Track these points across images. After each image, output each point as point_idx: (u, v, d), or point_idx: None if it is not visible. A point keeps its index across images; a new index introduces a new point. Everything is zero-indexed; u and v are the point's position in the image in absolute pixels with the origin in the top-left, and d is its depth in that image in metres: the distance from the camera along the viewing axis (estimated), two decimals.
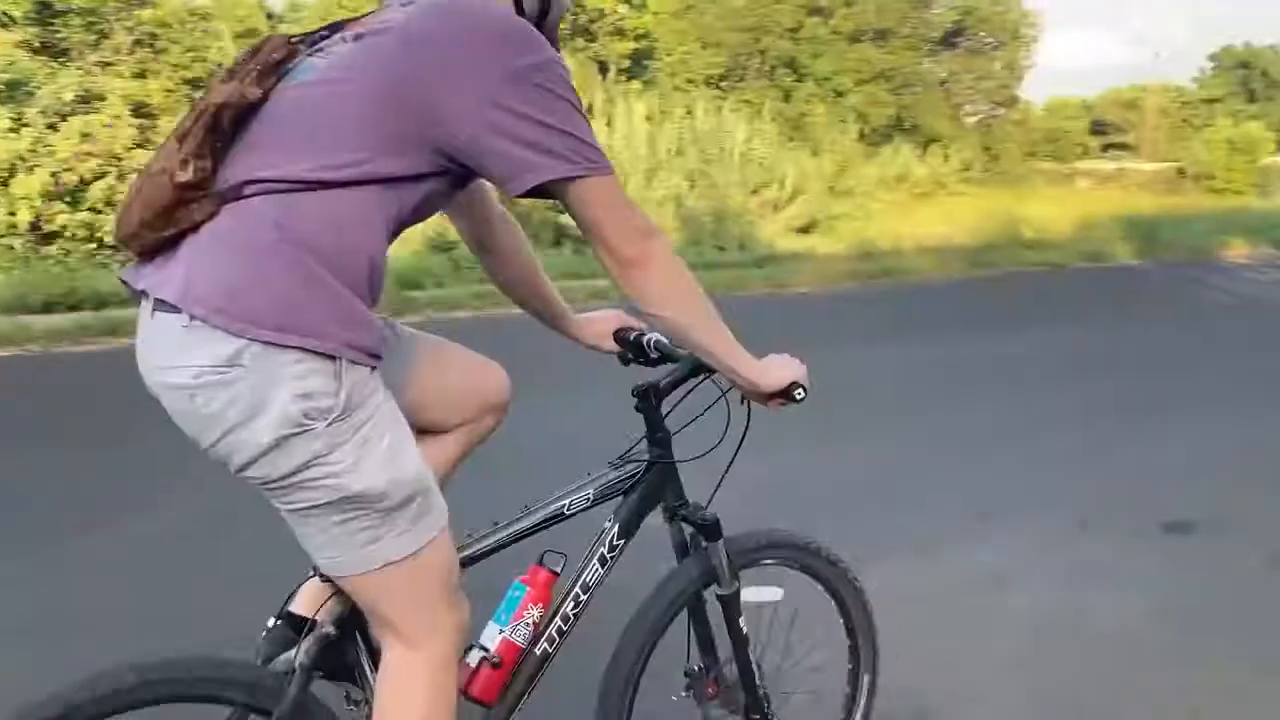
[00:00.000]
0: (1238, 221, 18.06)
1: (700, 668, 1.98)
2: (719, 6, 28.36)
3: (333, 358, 1.32)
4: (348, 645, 1.60)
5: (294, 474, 1.33)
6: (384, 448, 1.38)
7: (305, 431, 1.31)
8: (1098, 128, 62.59)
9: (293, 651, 1.54)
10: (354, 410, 1.34)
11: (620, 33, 18.55)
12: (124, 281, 1.42)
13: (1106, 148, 59.73)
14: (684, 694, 1.99)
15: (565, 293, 1.98)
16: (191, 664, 1.46)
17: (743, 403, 1.78)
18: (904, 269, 12.07)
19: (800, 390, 1.70)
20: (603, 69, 17.72)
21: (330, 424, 1.32)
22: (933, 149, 27.79)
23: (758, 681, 2.00)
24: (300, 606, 1.62)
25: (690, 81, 21.44)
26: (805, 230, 16.71)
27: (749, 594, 1.97)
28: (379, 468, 1.37)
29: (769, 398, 1.69)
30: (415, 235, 9.82)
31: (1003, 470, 4.73)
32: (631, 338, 1.94)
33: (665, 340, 1.87)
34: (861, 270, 11.79)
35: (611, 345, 1.97)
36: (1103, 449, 5.07)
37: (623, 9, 18.86)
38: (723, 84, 24.61)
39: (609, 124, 15.51)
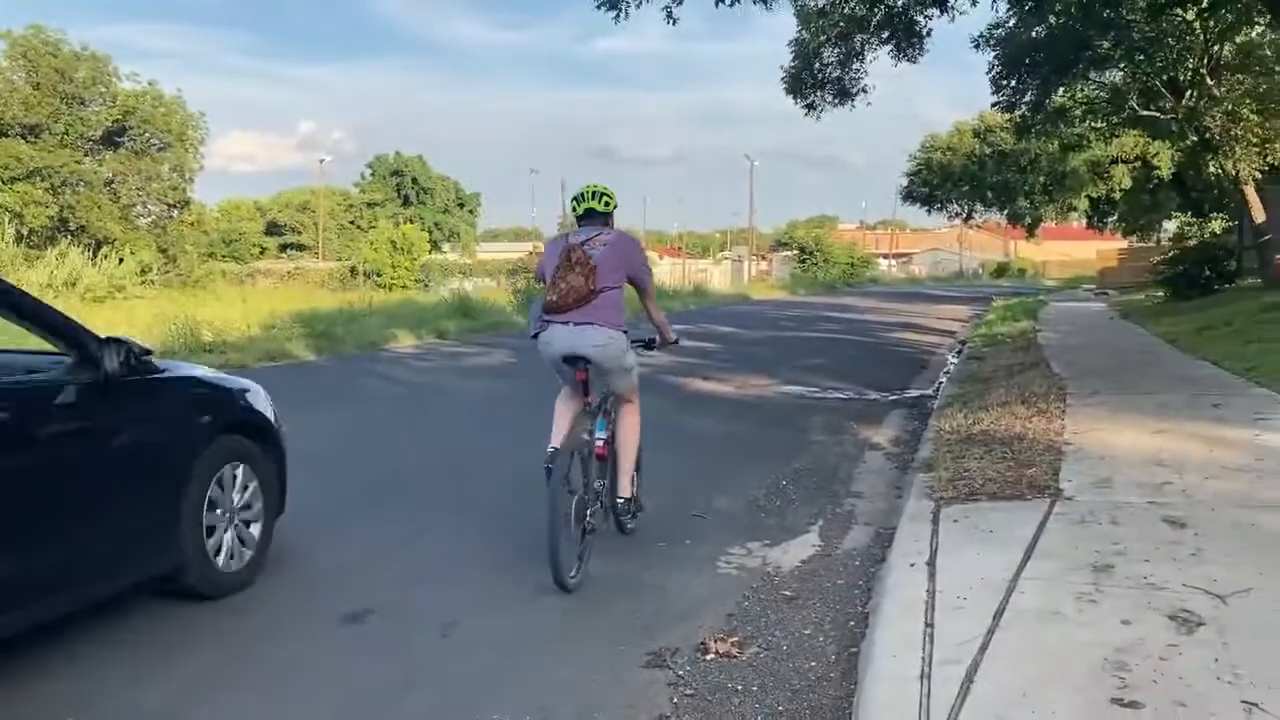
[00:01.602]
0: (405, 315, 20.22)
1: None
2: None
3: (626, 332, 4.90)
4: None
5: (628, 367, 4.95)
6: (634, 355, 5.06)
7: (628, 354, 4.93)
8: (274, 229, 65.40)
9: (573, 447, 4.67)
10: (631, 347, 4.99)
11: None
12: (547, 320, 4.76)
13: (284, 248, 62.65)
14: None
15: None
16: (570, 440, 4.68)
17: (651, 349, 5.42)
18: None
19: (679, 340, 5.57)
20: None
21: (632, 353, 5.02)
22: (106, 251, 26.49)
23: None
24: (558, 444, 4.73)
25: None
26: None
27: None
28: (634, 359, 5.03)
29: (671, 344, 5.45)
30: None
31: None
32: None
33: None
34: None
35: None
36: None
37: None
38: None
39: None
